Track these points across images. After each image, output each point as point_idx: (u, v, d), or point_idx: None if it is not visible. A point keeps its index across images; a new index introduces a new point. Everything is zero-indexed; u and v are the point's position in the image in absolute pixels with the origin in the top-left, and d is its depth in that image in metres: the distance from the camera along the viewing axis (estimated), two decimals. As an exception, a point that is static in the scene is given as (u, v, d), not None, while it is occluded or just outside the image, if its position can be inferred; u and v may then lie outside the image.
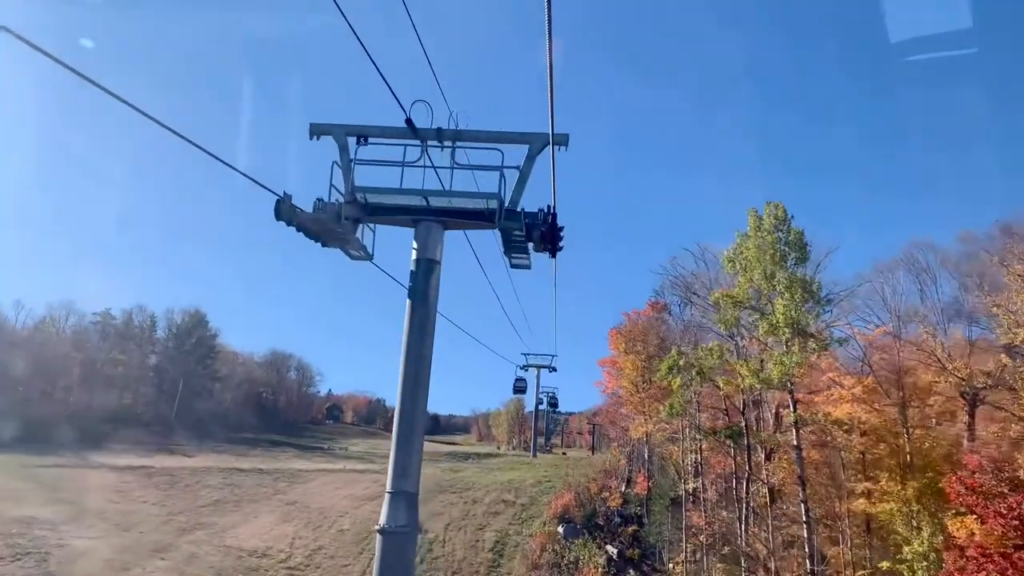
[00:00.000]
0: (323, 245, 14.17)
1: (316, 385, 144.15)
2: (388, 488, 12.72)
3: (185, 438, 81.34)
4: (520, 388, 59.00)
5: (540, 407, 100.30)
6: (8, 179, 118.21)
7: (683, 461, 39.58)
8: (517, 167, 13.61)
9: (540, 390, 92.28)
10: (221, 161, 10.21)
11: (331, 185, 12.69)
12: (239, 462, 64.89)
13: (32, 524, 35.44)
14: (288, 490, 52.08)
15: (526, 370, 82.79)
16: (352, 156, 13.78)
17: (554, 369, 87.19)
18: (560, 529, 42.02)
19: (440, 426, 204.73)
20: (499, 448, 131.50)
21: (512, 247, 14.27)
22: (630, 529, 47.93)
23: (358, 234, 14.29)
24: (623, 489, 59.81)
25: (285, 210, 12.56)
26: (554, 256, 14.30)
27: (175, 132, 8.38)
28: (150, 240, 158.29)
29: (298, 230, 13.25)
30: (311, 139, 14.24)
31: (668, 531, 43.01)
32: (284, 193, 12.55)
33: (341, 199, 13.57)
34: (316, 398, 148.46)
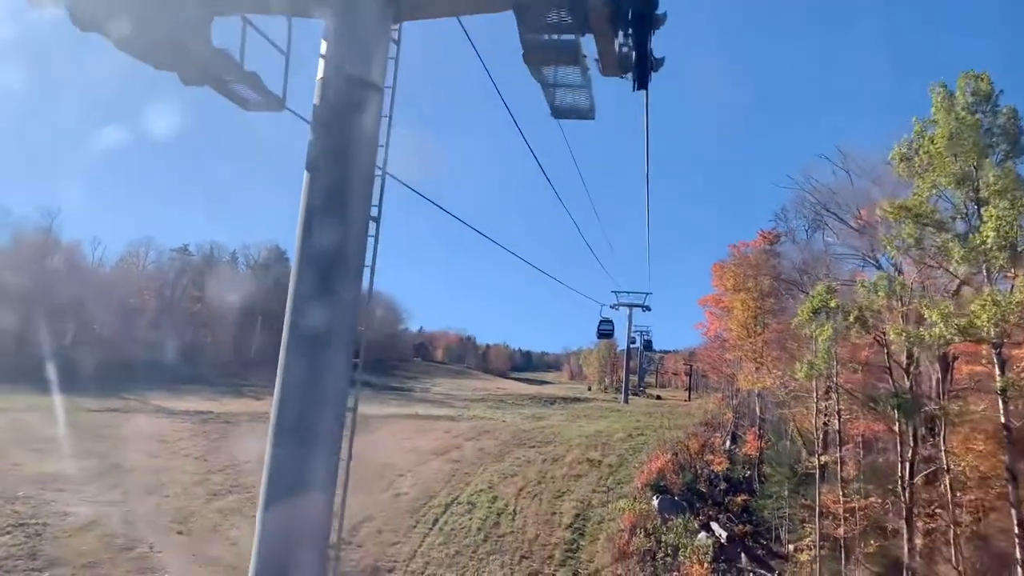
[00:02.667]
0: (185, 83, 6.98)
1: (404, 323, 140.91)
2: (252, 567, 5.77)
3: (261, 377, 78.76)
4: (605, 332, 51.18)
5: (633, 346, 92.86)
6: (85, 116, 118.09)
7: (815, 427, 31.07)
8: None
9: (633, 329, 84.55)
10: None
11: None
12: (307, 406, 60.90)
13: (47, 484, 31.41)
14: (350, 441, 47.08)
15: (616, 309, 74.98)
16: None
17: (648, 308, 78.97)
18: (655, 502, 34.75)
19: (532, 364, 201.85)
20: (589, 389, 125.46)
21: (546, 53, 6.36)
22: (739, 498, 40.25)
23: (226, 42, 6.87)
24: (727, 446, 52.01)
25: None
26: (645, 83, 6.42)
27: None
28: (229, 176, 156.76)
29: (75, 21, 6.05)
30: None
31: (788, 507, 35.15)
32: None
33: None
34: (405, 335, 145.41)
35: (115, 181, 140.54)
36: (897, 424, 23.08)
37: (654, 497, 35.49)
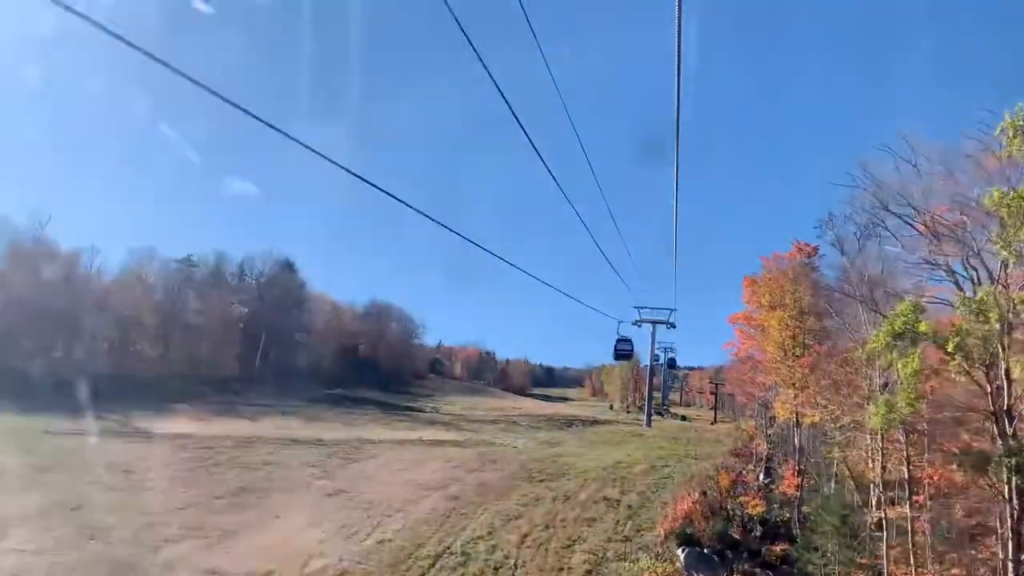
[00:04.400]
0: None
1: (419, 337, 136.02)
2: None
3: (264, 395, 74.50)
4: (624, 353, 45.31)
5: (656, 363, 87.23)
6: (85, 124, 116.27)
7: (879, 473, 25.58)
8: None
9: (656, 346, 79.00)
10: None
11: None
12: (302, 429, 56.45)
13: (-28, 526, 27.20)
14: (340, 471, 42.46)
15: (639, 326, 69.45)
16: None
17: (673, 325, 73.35)
18: (681, 556, 29.58)
19: (554, 379, 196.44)
20: (612, 408, 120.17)
21: None
22: (778, 548, 34.77)
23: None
24: (761, 481, 46.49)
25: None
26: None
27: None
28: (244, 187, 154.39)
29: None
30: None
31: (837, 565, 29.66)
32: None
33: None
34: (421, 350, 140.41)
35: (117, 188, 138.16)
36: (1006, 487, 17.66)
37: (680, 549, 30.31)
